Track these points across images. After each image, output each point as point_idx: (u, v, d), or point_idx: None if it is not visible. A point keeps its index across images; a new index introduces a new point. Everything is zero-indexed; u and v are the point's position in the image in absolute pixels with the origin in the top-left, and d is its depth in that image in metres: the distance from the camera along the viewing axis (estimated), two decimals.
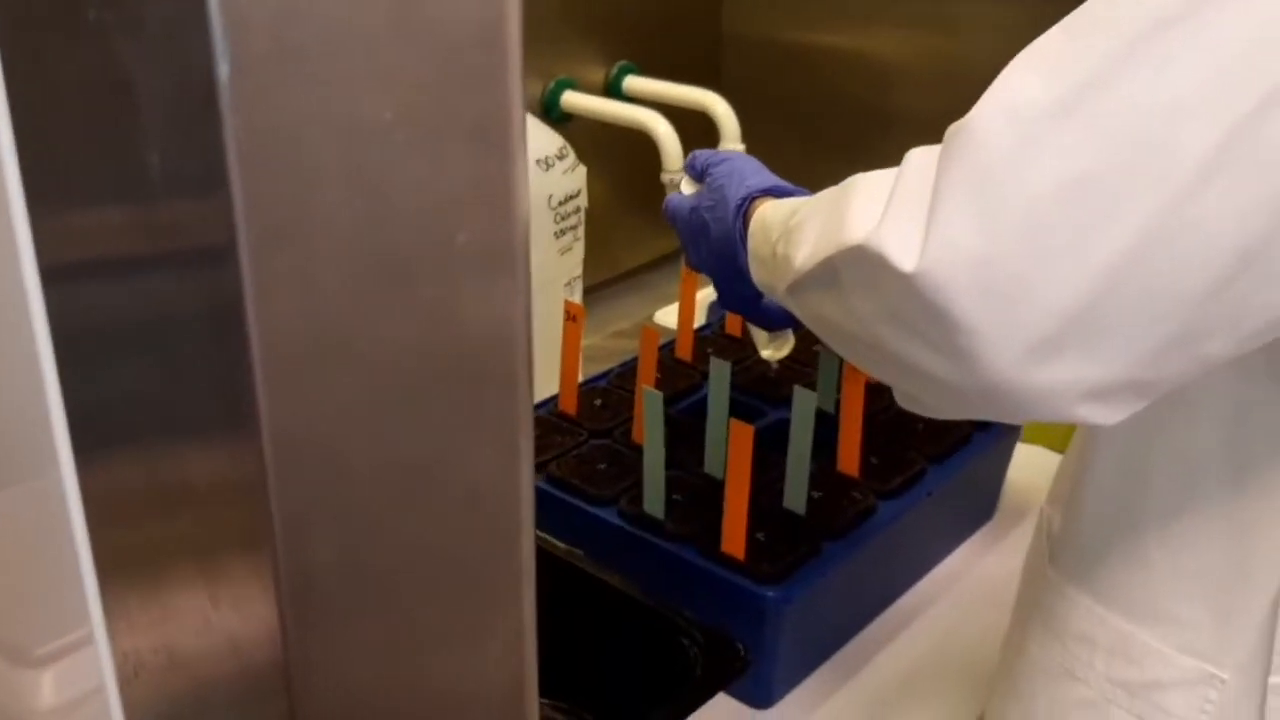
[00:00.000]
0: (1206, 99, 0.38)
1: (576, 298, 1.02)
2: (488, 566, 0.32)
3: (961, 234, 0.41)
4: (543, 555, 0.70)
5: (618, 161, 1.22)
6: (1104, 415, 0.43)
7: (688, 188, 0.71)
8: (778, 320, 0.72)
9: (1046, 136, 0.40)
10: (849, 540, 0.73)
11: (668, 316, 1.10)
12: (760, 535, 0.71)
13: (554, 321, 0.94)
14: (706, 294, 1.13)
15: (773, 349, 0.82)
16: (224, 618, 0.30)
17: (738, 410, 0.86)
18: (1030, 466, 0.92)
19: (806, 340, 0.93)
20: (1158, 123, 0.39)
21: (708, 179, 0.68)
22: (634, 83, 1.19)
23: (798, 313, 0.56)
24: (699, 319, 1.03)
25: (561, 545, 0.71)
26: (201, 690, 0.32)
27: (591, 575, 0.69)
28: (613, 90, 1.19)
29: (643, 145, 1.12)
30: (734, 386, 0.88)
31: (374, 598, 0.30)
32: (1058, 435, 0.96)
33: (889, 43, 1.26)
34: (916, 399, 0.49)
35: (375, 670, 0.31)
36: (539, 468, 0.79)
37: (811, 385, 0.87)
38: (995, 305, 0.40)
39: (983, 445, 0.84)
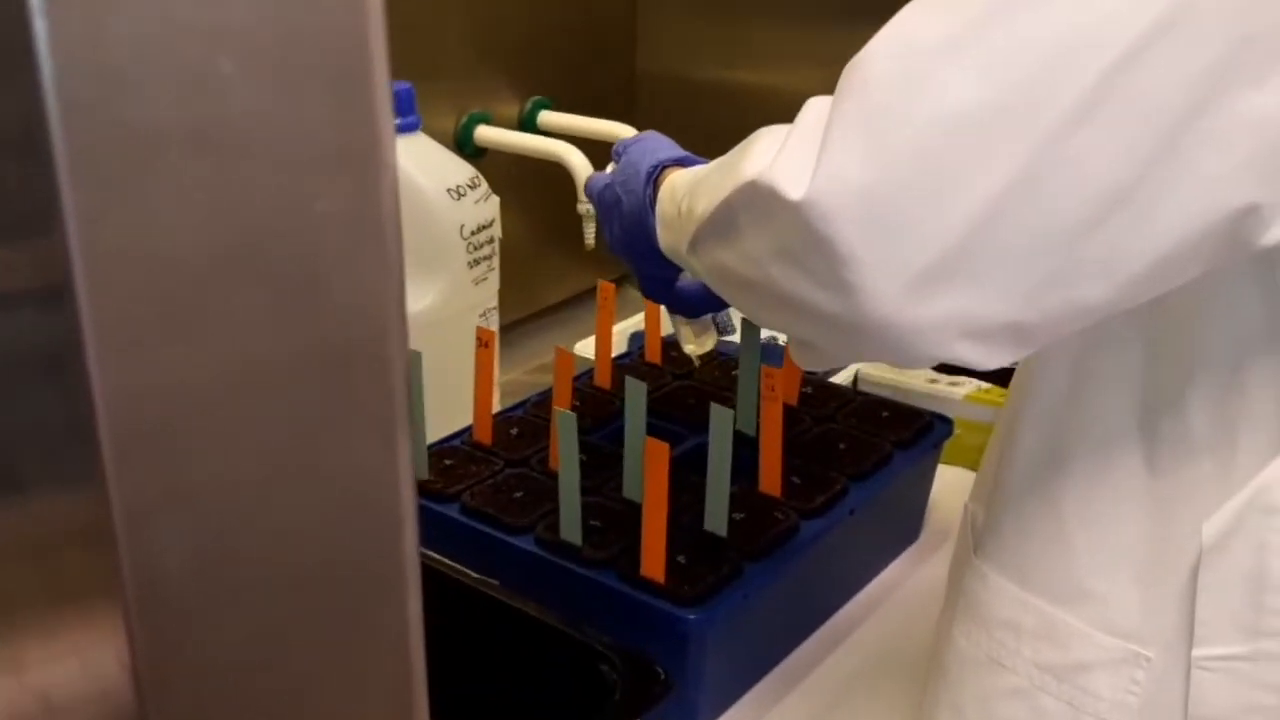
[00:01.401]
0: (1086, 39, 0.39)
1: (494, 326, 1.00)
2: (364, 565, 0.30)
3: (848, 164, 0.41)
4: (455, 586, 0.68)
5: (535, 197, 1.22)
6: (983, 356, 0.44)
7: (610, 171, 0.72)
8: (696, 303, 0.73)
9: (935, 71, 0.41)
10: (772, 560, 0.72)
11: (587, 348, 1.09)
12: (681, 558, 0.70)
13: (471, 352, 0.92)
14: (626, 325, 1.13)
15: (696, 343, 0.81)
16: (67, 626, 0.28)
17: (658, 435, 0.85)
18: (953, 488, 0.92)
19: (726, 369, 0.93)
20: (1039, 60, 0.40)
21: (623, 157, 0.68)
22: (548, 117, 1.18)
23: (699, 269, 0.57)
24: (619, 348, 1.02)
25: (474, 575, 0.69)
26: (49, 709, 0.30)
27: (506, 604, 0.67)
28: (527, 125, 1.19)
29: (560, 180, 1.11)
30: (654, 412, 0.87)
31: (233, 602, 0.28)
32: (978, 455, 0.96)
33: (804, 80, 1.27)
34: (810, 347, 0.50)
35: (237, 683, 0.29)
36: (453, 498, 0.76)
37: (731, 408, 0.87)
38: (878, 236, 0.41)
39: (904, 463, 0.84)
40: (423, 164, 0.92)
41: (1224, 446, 0.49)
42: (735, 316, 1.14)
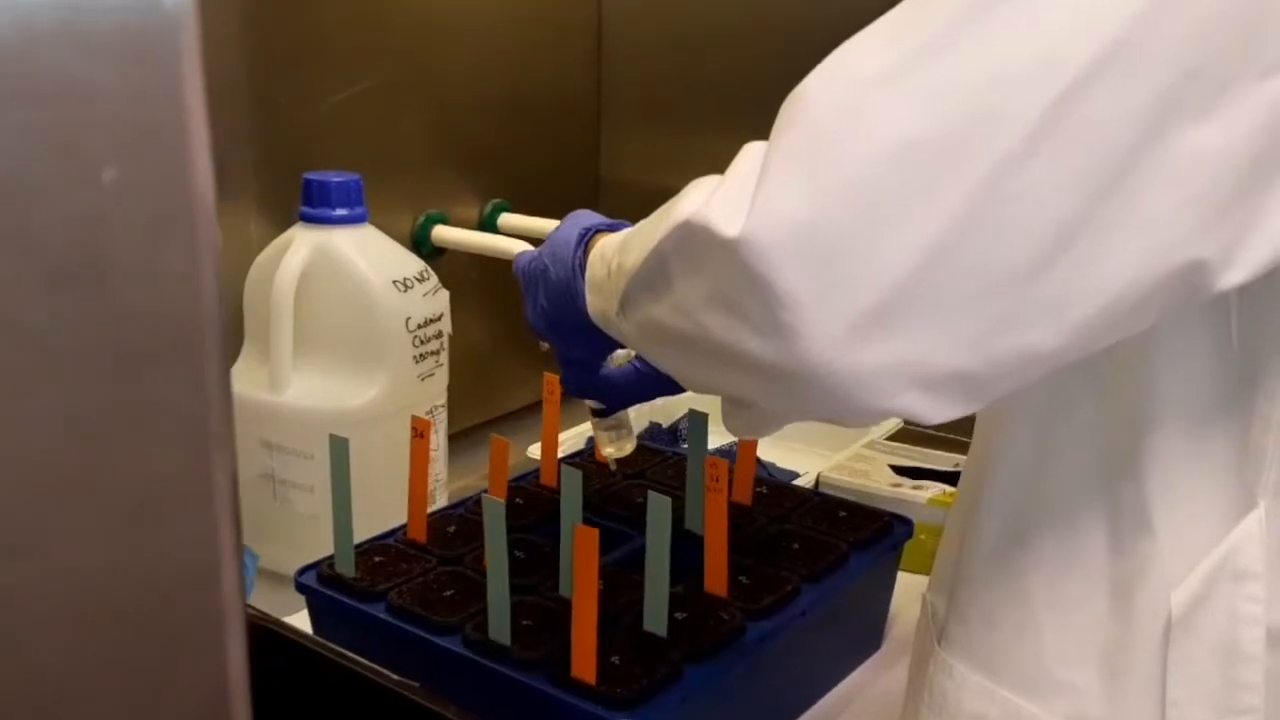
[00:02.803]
0: (1031, 70, 0.38)
1: (441, 427, 0.97)
2: (171, 597, 0.26)
3: (786, 200, 0.39)
4: (371, 688, 0.63)
5: (495, 301, 1.20)
6: (930, 409, 0.41)
7: None
8: (619, 391, 0.70)
9: (876, 102, 0.39)
10: (715, 662, 0.67)
11: (538, 450, 1.05)
12: (615, 659, 0.65)
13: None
14: (577, 432, 1.09)
15: (614, 447, 0.77)
16: None
17: (603, 534, 0.81)
18: (916, 596, 0.88)
19: (680, 469, 0.89)
20: (983, 92, 0.38)
21: (553, 233, 0.66)
22: (509, 219, 1.17)
23: (629, 331, 0.54)
24: (577, 449, 0.99)
25: (394, 676, 0.64)
26: None
27: (424, 708, 0.62)
28: (487, 227, 1.18)
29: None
30: (601, 511, 0.84)
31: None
32: None
33: None
34: (743, 408, 0.48)
35: None
36: (379, 596, 0.72)
37: (680, 507, 0.83)
38: (817, 276, 0.39)
39: (862, 565, 0.80)
40: (369, 254, 0.90)
41: (1183, 512, 0.46)
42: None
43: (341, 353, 0.90)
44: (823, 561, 0.78)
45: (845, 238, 0.39)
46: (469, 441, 1.18)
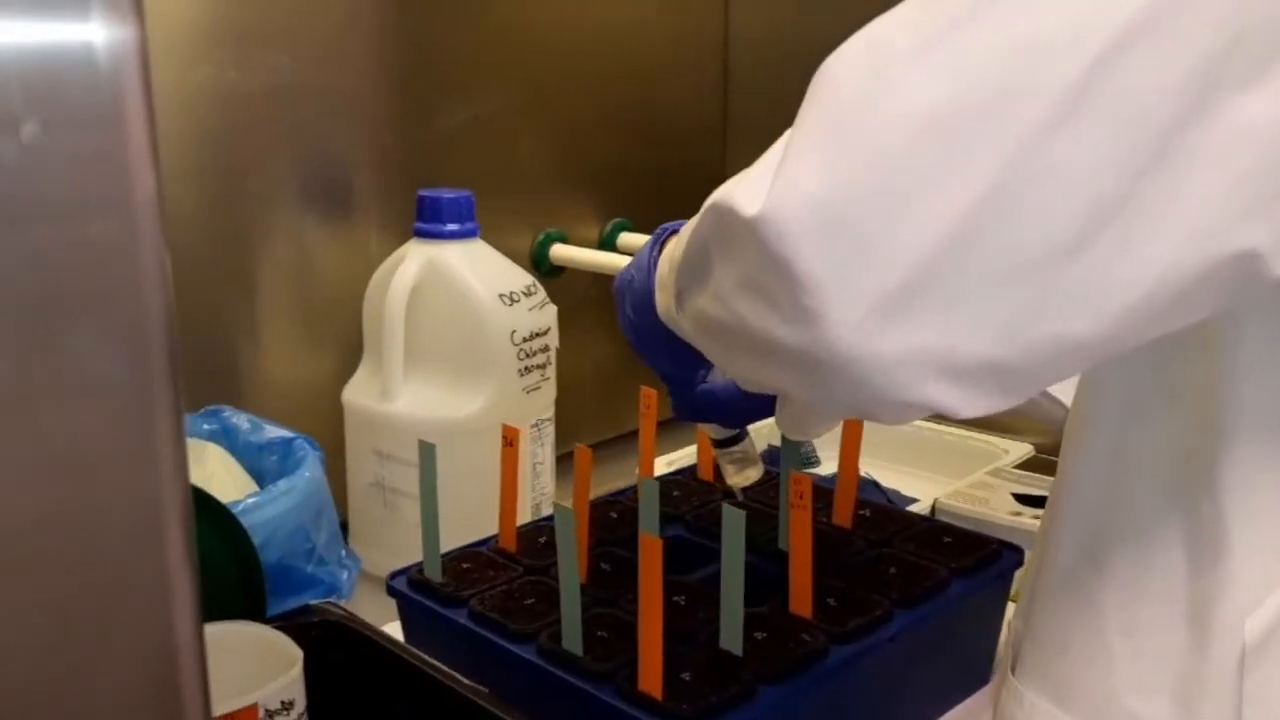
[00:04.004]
0: (1064, 36, 0.36)
1: (547, 440, 0.98)
2: (107, 554, 0.27)
3: (806, 177, 0.38)
4: (440, 690, 0.64)
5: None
6: (960, 401, 0.39)
7: None
8: (724, 406, 0.67)
9: (901, 75, 0.37)
10: (791, 684, 0.65)
11: (659, 466, 1.04)
12: (686, 675, 0.64)
13: (522, 461, 0.90)
14: (690, 451, 1.08)
15: (739, 476, 0.76)
16: None
17: (695, 552, 0.80)
18: None
19: (767, 487, 0.87)
20: (1013, 59, 0.36)
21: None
22: (628, 239, 1.18)
23: (689, 329, 0.52)
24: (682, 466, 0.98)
25: (464, 681, 0.64)
26: None
27: (489, 713, 0.62)
28: (607, 247, 1.18)
29: None
30: (694, 528, 0.83)
31: None
32: None
33: None
34: (789, 405, 0.47)
35: None
36: (461, 602, 0.72)
37: (774, 527, 0.81)
38: (838, 256, 0.37)
39: (964, 592, 0.76)
40: (477, 269, 0.92)
41: (1261, 530, 0.42)
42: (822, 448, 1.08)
43: (450, 364, 0.92)
44: (919, 587, 0.74)
45: (865, 216, 0.37)
46: (595, 455, 1.18)
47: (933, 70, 0.37)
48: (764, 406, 0.68)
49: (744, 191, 0.40)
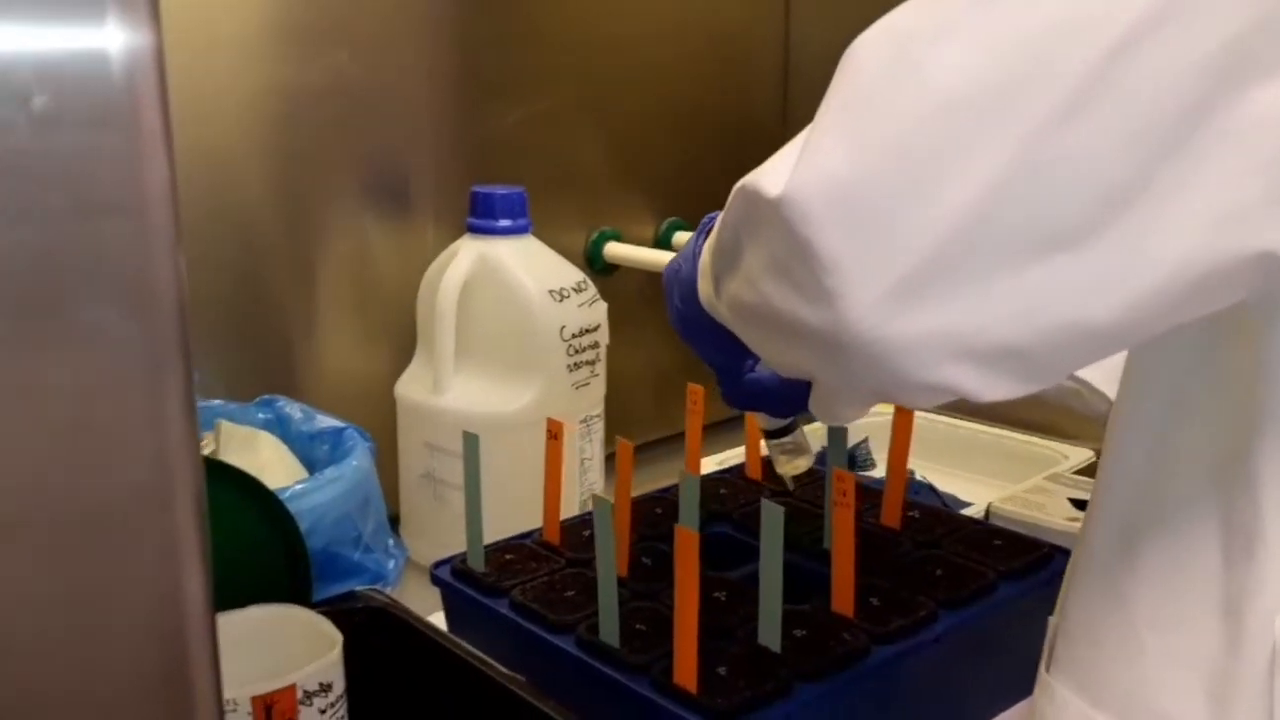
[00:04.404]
0: (1085, 19, 0.35)
1: (596, 437, 0.98)
2: (114, 513, 0.27)
3: (828, 158, 0.38)
4: (478, 677, 0.64)
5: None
6: (980, 384, 0.39)
7: None
8: (771, 395, 0.67)
9: (923, 56, 0.37)
10: (830, 683, 0.64)
11: (708, 465, 1.04)
12: (722, 670, 0.63)
13: (569, 456, 0.90)
14: (732, 455, 1.07)
15: (789, 465, 0.75)
16: None
17: (740, 549, 0.79)
18: None
19: (814, 486, 0.86)
20: (1034, 41, 0.36)
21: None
22: (682, 238, 1.17)
23: (726, 315, 0.52)
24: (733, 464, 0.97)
25: (502, 669, 0.65)
26: None
27: (525, 701, 0.62)
28: (662, 246, 1.18)
29: None
30: (740, 526, 0.82)
31: None
32: None
33: None
34: (819, 391, 0.47)
35: None
36: (503, 592, 0.73)
37: (820, 526, 0.80)
38: (856, 237, 0.38)
39: (1011, 595, 0.74)
40: (528, 264, 0.92)
41: None
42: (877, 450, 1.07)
43: (499, 359, 0.93)
44: (966, 589, 0.73)
45: (884, 197, 0.37)
46: (644, 457, 1.18)
47: (954, 52, 0.37)
48: (806, 397, 0.67)
49: (769, 174, 0.41)
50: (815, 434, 1.13)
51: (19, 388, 0.25)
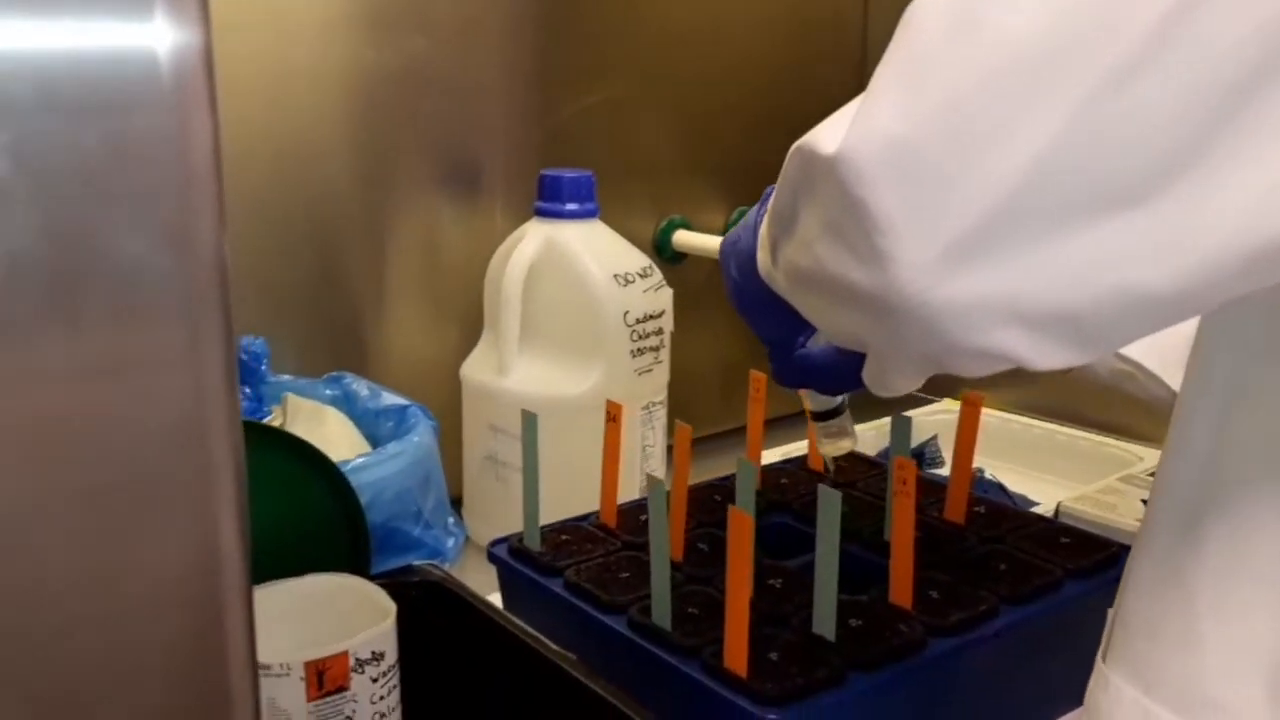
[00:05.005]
0: None
1: (659, 424, 0.98)
2: (146, 451, 0.28)
3: (885, 115, 0.38)
4: (529, 654, 0.64)
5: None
6: (1033, 351, 0.38)
7: None
8: (822, 370, 0.66)
9: (984, 15, 0.36)
10: (884, 674, 0.63)
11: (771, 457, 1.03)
12: (774, 655, 0.62)
13: (630, 442, 0.90)
14: (796, 448, 1.06)
15: (831, 445, 0.74)
16: None
17: (800, 539, 0.78)
18: None
19: (879, 479, 0.85)
20: (1097, 2, 0.35)
21: None
22: None
23: (782, 283, 0.52)
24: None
25: (552, 646, 0.65)
26: None
27: (574, 678, 0.62)
28: None
29: None
30: (801, 517, 0.81)
31: None
32: None
33: None
34: (870, 358, 0.46)
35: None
36: (557, 572, 0.73)
37: (882, 518, 0.79)
38: (910, 197, 0.37)
39: (1078, 593, 0.72)
40: (593, 248, 0.92)
41: None
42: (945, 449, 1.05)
43: (563, 342, 0.93)
44: (1030, 585, 0.71)
45: (940, 157, 0.37)
46: (711, 446, 1.18)
47: (1014, 11, 0.36)
48: (859, 374, 0.67)
49: (825, 132, 0.40)
50: (880, 430, 1.12)
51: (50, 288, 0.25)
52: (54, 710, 0.26)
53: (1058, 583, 0.72)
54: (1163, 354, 0.70)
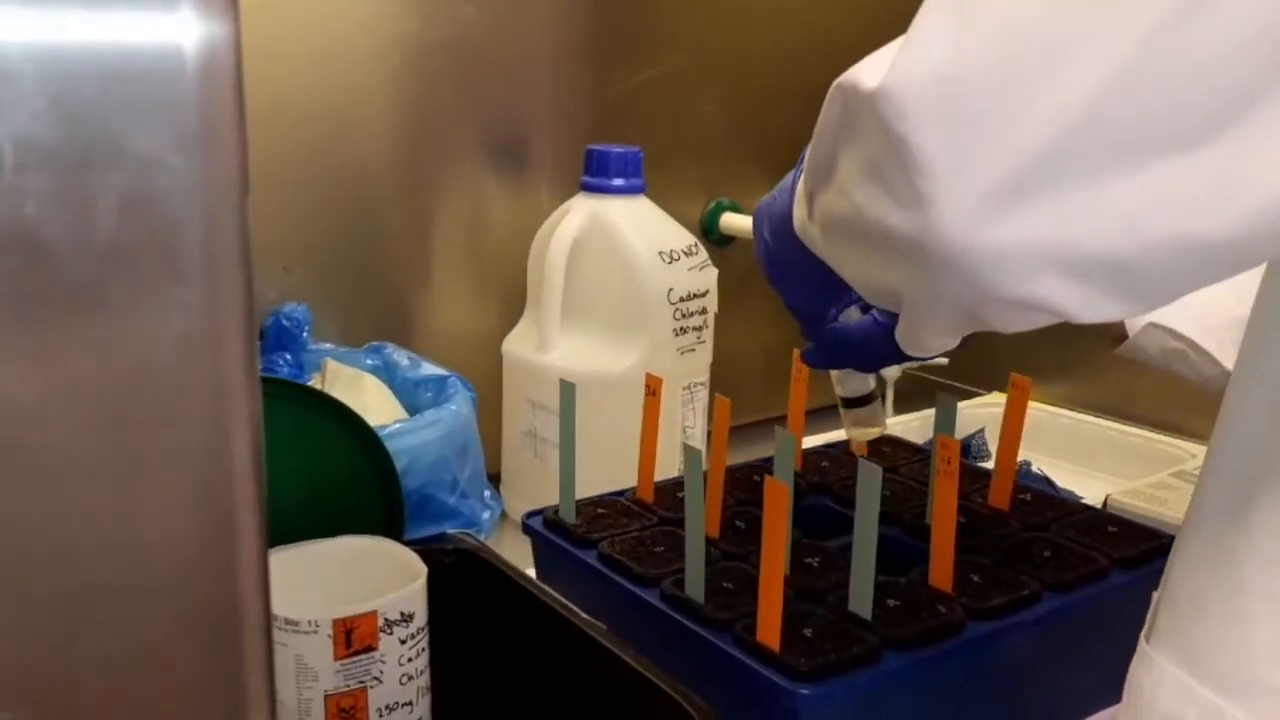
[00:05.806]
0: None
1: (700, 405, 0.97)
2: (157, 363, 0.27)
3: (930, 51, 0.36)
4: (559, 622, 0.64)
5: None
6: (1079, 302, 0.37)
7: None
8: (854, 345, 0.65)
9: None
10: (919, 654, 0.61)
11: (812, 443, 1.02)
12: (808, 631, 0.61)
13: (671, 422, 0.89)
14: (838, 435, 1.04)
15: (857, 430, 0.73)
16: None
17: (841, 521, 0.77)
18: None
19: (921, 464, 0.83)
20: None
21: None
22: None
23: (817, 237, 0.50)
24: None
25: (582, 615, 0.64)
26: None
27: (604, 647, 0.61)
28: None
29: None
30: (842, 500, 0.80)
31: None
32: None
33: None
34: (902, 313, 0.45)
35: None
36: (592, 544, 0.72)
37: (923, 500, 0.77)
38: (954, 136, 0.36)
39: (1124, 584, 0.70)
40: (638, 224, 0.92)
41: None
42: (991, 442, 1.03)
43: (606, 319, 0.92)
44: (1074, 572, 0.69)
45: (989, 93, 0.35)
46: (753, 433, 1.16)
47: None
48: (893, 349, 0.65)
49: (868, 67, 0.39)
50: (925, 420, 1.10)
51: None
52: (56, 616, 0.26)
53: (1104, 571, 0.70)
54: (1216, 333, 0.68)
